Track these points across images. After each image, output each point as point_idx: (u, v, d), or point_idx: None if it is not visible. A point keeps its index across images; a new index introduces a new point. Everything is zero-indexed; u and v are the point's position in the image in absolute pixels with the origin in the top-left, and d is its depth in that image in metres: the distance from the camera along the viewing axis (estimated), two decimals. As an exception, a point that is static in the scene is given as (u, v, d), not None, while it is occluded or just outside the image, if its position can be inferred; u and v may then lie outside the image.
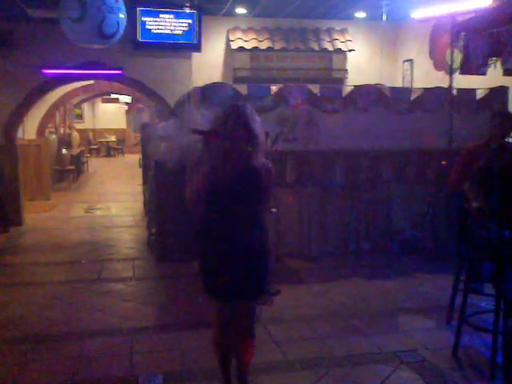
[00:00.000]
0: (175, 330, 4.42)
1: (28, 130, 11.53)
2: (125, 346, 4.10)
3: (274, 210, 3.17)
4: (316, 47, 11.03)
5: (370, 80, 8.63)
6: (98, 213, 10.27)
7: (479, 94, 7.09)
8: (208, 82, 6.92)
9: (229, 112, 2.88)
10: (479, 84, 7.10)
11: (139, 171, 10.93)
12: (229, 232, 2.88)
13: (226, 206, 2.86)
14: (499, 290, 3.64)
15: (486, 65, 5.12)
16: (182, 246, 6.29)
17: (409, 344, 4.07)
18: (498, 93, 7.02)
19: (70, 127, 18.33)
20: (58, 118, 15.24)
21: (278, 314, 4.52)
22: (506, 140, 4.61)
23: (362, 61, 11.38)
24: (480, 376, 3.58)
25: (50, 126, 13.99)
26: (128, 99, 22.18)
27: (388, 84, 8.29)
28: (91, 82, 13.45)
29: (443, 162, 6.40)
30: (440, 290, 5.14)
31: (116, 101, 23.30)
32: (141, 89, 10.61)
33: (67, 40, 9.12)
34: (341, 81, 11.21)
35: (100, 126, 26.14)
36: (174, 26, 10.07)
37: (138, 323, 4.59)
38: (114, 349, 4.08)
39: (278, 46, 10.86)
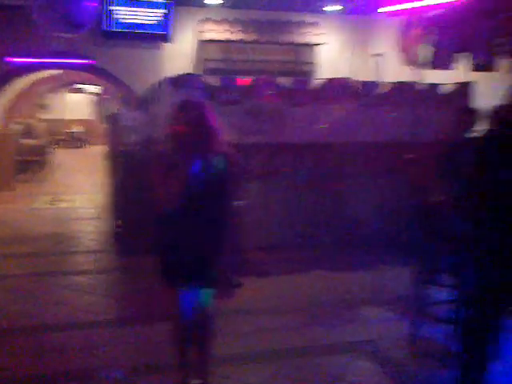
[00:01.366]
0: (137, 323, 4.38)
1: (-8, 119, 11.26)
2: (86, 340, 4.05)
3: (241, 202, 3.14)
4: (287, 40, 11.03)
5: (340, 73, 8.65)
6: (63, 205, 10.08)
7: (446, 89, 7.18)
8: (178, 72, 6.86)
9: (183, 106, 2.89)
10: (446, 79, 7.20)
11: (105, 162, 10.76)
12: (192, 220, 2.90)
13: (191, 197, 2.86)
14: (457, 281, 3.70)
15: (453, 60, 5.19)
16: (147, 238, 6.22)
17: (368, 334, 4.11)
18: (464, 88, 7.12)
19: (36, 117, 17.95)
20: (23, 108, 14.89)
21: (239, 306, 4.48)
22: (470, 134, 4.65)
23: (333, 54, 11.42)
24: (436, 364, 3.65)
25: (15, 115, 13.68)
26: (96, 89, 21.87)
27: (357, 78, 8.32)
28: (59, 71, 13.21)
29: (408, 156, 6.45)
30: (399, 282, 5.18)
31: (84, 91, 22.95)
32: (110, 79, 10.48)
33: (35, 28, 8.95)
34: (311, 74, 11.23)
35: (67, 116, 25.65)
36: (146, 16, 9.96)
37: (99, 317, 4.54)
38: (75, 342, 4.02)
39: (249, 38, 10.83)
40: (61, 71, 13.30)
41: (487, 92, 6.59)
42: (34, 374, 3.53)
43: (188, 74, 7.17)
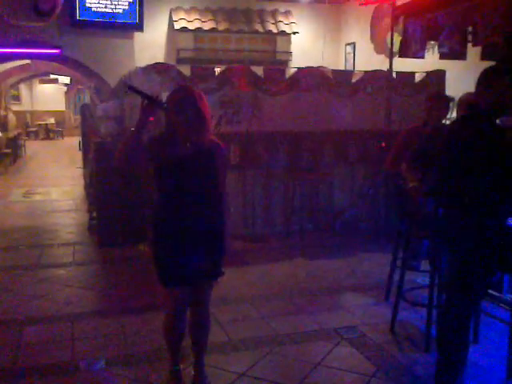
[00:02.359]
0: (117, 314, 4.36)
1: (-40, 111, 11.00)
2: (66, 332, 4.02)
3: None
4: (260, 29, 11.00)
5: (314, 62, 8.70)
6: (37, 197, 9.95)
7: (417, 78, 7.29)
8: (151, 62, 6.79)
9: (178, 92, 2.86)
10: (418, 68, 7.30)
11: (79, 154, 10.64)
12: (187, 214, 2.85)
13: (183, 187, 2.83)
14: (434, 266, 3.79)
15: (424, 49, 5.27)
16: (123, 230, 6.21)
17: (349, 320, 4.19)
18: (436, 76, 7.24)
19: (6, 109, 17.59)
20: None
21: (221, 295, 4.51)
22: (443, 122, 4.75)
23: (306, 43, 11.45)
24: (416, 348, 3.74)
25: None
26: (67, 80, 21.50)
27: (331, 67, 8.38)
28: (27, 61, 12.95)
29: (382, 144, 6.56)
30: (379, 268, 5.29)
31: (55, 81, 22.54)
32: (80, 69, 10.31)
33: (1, 17, 8.74)
34: (285, 63, 11.25)
35: (38, 107, 25.21)
36: (116, 5, 9.80)
37: (79, 309, 4.51)
38: (55, 335, 3.99)
39: (221, 27, 10.76)
40: (29, 61, 13.02)
41: (460, 80, 6.72)
42: (13, 367, 3.51)
43: (160, 63, 7.10)
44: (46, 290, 4.96)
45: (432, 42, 6.02)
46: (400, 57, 5.79)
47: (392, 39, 6.83)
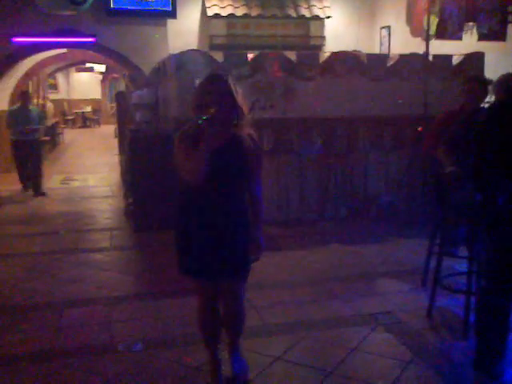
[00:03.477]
0: (154, 298, 4.43)
1: (0, 100, 11.26)
2: (104, 315, 4.10)
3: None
4: (293, 14, 10.90)
5: (348, 47, 8.59)
6: (75, 184, 10.16)
7: (455, 60, 7.10)
8: (183, 49, 6.81)
9: (211, 81, 2.75)
10: (455, 50, 7.11)
11: (115, 141, 10.81)
12: (216, 205, 2.76)
13: (210, 179, 2.69)
14: (472, 252, 3.72)
15: (461, 30, 5.13)
16: (159, 215, 6.28)
17: (385, 306, 4.15)
18: (474, 58, 7.03)
19: (44, 98, 17.95)
20: (31, 89, 14.89)
21: (256, 280, 4.51)
22: (481, 105, 4.63)
23: (340, 27, 11.30)
24: (453, 335, 3.69)
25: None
26: (103, 68, 21.78)
27: (365, 51, 8.26)
28: (64, 50, 13.15)
29: (419, 129, 6.44)
30: (415, 254, 5.22)
31: (90, 70, 22.88)
32: (115, 57, 10.43)
33: (38, 7, 8.89)
34: (318, 48, 11.14)
35: (75, 96, 25.67)
36: (150, -8, 9.85)
37: (116, 292, 4.59)
38: (93, 318, 4.07)
39: (254, 13, 10.71)
40: (65, 50, 13.22)
41: (498, 62, 6.54)
42: (51, 349, 3.59)
43: (193, 50, 7.11)
44: (84, 273, 5.08)
45: (470, 24, 5.88)
46: (437, 39, 5.66)
47: (428, 21, 6.67)
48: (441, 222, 4.27)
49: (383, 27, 11.03)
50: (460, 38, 5.35)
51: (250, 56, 6.74)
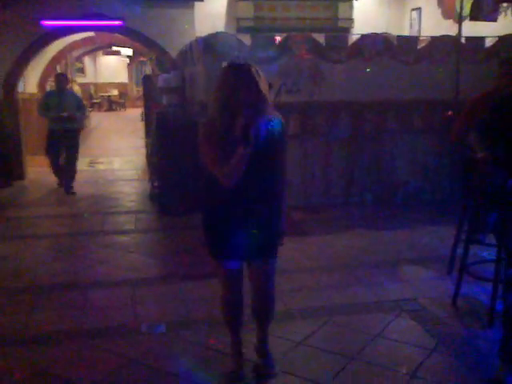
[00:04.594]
0: (177, 281, 4.45)
1: (29, 83, 11.38)
2: (128, 297, 4.14)
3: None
4: (321, -5, 10.72)
5: (377, 29, 8.38)
6: (101, 167, 10.26)
7: (488, 43, 6.90)
8: (210, 32, 6.76)
9: (234, 70, 2.67)
10: (488, 33, 6.91)
11: (141, 125, 10.86)
12: (241, 189, 2.69)
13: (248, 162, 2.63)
14: (501, 240, 3.63)
15: (497, 10, 4.96)
16: (184, 199, 6.29)
17: (409, 293, 4.09)
18: (508, 41, 6.82)
19: (72, 81, 18.12)
20: (59, 71, 15.04)
21: (280, 264, 4.50)
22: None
23: (369, 10, 11.07)
24: (479, 323, 3.61)
25: (50, 79, 13.83)
26: (129, 52, 21.85)
27: (395, 33, 8.07)
28: (91, 34, 13.21)
29: (449, 113, 6.29)
30: (441, 241, 5.13)
31: (117, 53, 22.99)
32: (142, 40, 10.40)
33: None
34: (347, 30, 10.93)
35: (102, 79, 25.86)
36: (176, -24, 9.77)
37: (141, 274, 4.63)
38: (117, 299, 4.12)
39: (281, -5, 10.56)
40: (93, 34, 13.28)
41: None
42: (77, 329, 3.64)
43: (220, 32, 7.05)
44: (110, 255, 5.13)
45: (505, 5, 5.69)
46: (471, 20, 5.48)
47: (462, 2, 6.47)
48: (470, 209, 4.18)
49: (414, 9, 10.77)
50: (495, 20, 5.19)
51: (278, 38, 6.66)
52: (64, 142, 7.79)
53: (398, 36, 7.31)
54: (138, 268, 4.79)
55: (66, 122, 7.62)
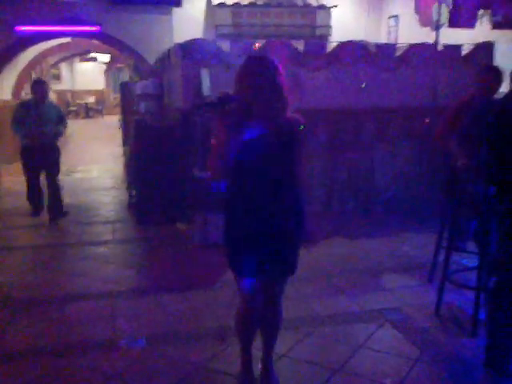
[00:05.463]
0: (157, 292, 4.35)
1: (3, 90, 11.18)
2: (107, 310, 4.04)
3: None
4: (299, 3, 10.77)
5: (355, 37, 8.44)
6: (78, 175, 10.09)
7: (465, 50, 6.97)
8: (189, 38, 6.70)
9: (252, 63, 2.56)
10: (464, 40, 6.97)
11: (119, 132, 10.72)
12: (260, 201, 2.58)
13: (256, 171, 2.55)
14: (482, 247, 3.63)
15: (475, 17, 5.00)
16: (162, 208, 6.21)
17: (392, 302, 4.07)
18: (484, 48, 6.89)
19: (48, 88, 17.87)
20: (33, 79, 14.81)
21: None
22: (495, 95, 4.50)
23: (347, 17, 11.14)
24: (462, 332, 3.60)
25: (26, 86, 13.61)
26: (107, 58, 21.67)
27: (373, 41, 8.11)
28: (68, 39, 13.06)
29: (426, 120, 6.32)
30: (422, 249, 5.14)
31: (94, 60, 22.76)
32: (119, 46, 10.34)
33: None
34: (325, 38, 10.97)
35: (78, 87, 25.59)
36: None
37: (119, 286, 4.53)
38: (96, 312, 4.01)
39: (260, 2, 10.58)
40: (69, 39, 13.13)
41: (510, 52, 6.40)
42: (53, 345, 3.53)
43: (198, 39, 6.99)
44: (87, 267, 5.01)
45: (480, 13, 5.74)
46: (450, 27, 5.51)
47: (439, 10, 6.53)
48: (450, 216, 4.18)
49: (391, 17, 10.87)
50: (473, 26, 5.22)
51: (257, 45, 6.62)
52: (43, 161, 6.54)
53: (376, 43, 7.34)
54: (116, 280, 4.68)
55: (45, 137, 6.43)
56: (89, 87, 25.71)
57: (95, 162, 11.55)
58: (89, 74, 25.61)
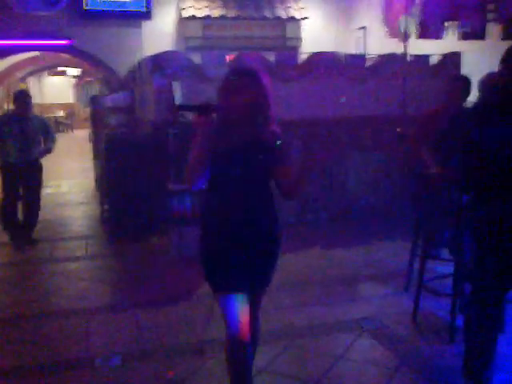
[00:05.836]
0: (132, 308, 4.27)
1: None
2: (81, 327, 3.95)
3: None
4: (269, 15, 10.84)
5: (324, 48, 8.51)
6: (49, 190, 9.86)
7: (433, 61, 7.10)
8: (159, 51, 6.67)
9: (237, 74, 2.51)
10: (432, 51, 7.10)
11: (90, 146, 10.59)
12: (237, 213, 2.49)
13: (233, 184, 2.48)
14: (456, 254, 3.66)
15: (442, 28, 5.10)
16: (135, 222, 6.13)
17: (369, 311, 4.07)
18: (452, 58, 7.04)
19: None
20: (1, 93, 14.57)
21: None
22: (463, 104, 4.58)
23: (316, 29, 11.26)
24: (440, 340, 3.62)
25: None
26: (76, 72, 21.46)
27: (343, 52, 8.20)
28: (36, 53, 12.89)
29: (398, 129, 6.40)
30: (397, 257, 5.16)
31: (64, 73, 22.51)
32: (90, 60, 10.24)
33: (9, 7, 8.65)
34: (295, 49, 11.08)
35: (47, 100, 25.23)
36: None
37: (93, 303, 4.43)
38: (69, 331, 3.92)
39: (230, 14, 10.62)
40: (38, 53, 12.95)
41: (476, 62, 6.53)
42: (26, 364, 3.43)
43: (169, 51, 6.98)
44: (60, 284, 4.90)
45: (446, 25, 5.86)
46: (419, 38, 5.61)
47: (406, 22, 6.65)
48: (423, 224, 4.22)
49: (359, 28, 11.02)
50: (441, 37, 5.33)
51: (229, 57, 6.63)
52: (25, 181, 6.08)
53: (347, 54, 7.42)
54: (90, 297, 4.58)
55: (29, 154, 5.95)
56: (58, 101, 25.40)
57: (66, 177, 11.37)
58: (58, 87, 25.31)
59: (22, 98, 5.98)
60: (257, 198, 2.55)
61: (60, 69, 20.84)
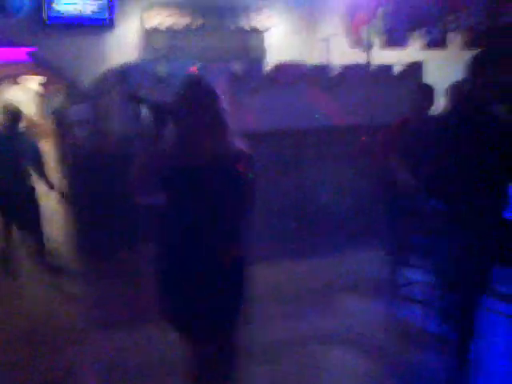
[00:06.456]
0: (104, 327, 4.19)
1: None
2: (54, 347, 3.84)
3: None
4: (233, 26, 10.86)
5: (290, 58, 8.58)
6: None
7: (395, 70, 7.21)
8: (123, 62, 6.59)
9: (192, 85, 2.39)
10: (394, 61, 7.22)
11: (54, 162, 10.34)
12: (190, 238, 2.29)
13: (189, 205, 2.28)
14: (430, 261, 3.70)
15: (407, 37, 5.19)
16: (106, 239, 5.98)
17: (345, 321, 4.06)
18: (413, 68, 7.16)
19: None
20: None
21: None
22: (427, 112, 4.65)
23: (281, 39, 11.31)
24: (417, 347, 3.63)
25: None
26: (37, 83, 21.03)
27: (307, 62, 8.26)
28: (-6, 65, 12.57)
29: (362, 138, 6.48)
30: (370, 266, 5.18)
31: (24, 85, 22.02)
32: (51, 71, 10.02)
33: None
34: (259, 60, 11.10)
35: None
36: (85, 3, 9.57)
37: (64, 323, 4.31)
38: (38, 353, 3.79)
39: (194, 25, 10.58)
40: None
41: (439, 71, 6.67)
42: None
43: (133, 62, 6.91)
44: (30, 304, 4.74)
45: (408, 34, 5.97)
46: (382, 47, 5.69)
47: (369, 32, 6.75)
48: (393, 231, 4.26)
49: (323, 39, 11.12)
50: (404, 47, 5.42)
51: (194, 68, 6.59)
52: (16, 213, 5.50)
53: (311, 64, 7.48)
54: (61, 316, 4.44)
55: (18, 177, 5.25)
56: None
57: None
58: (18, 99, 24.76)
59: (10, 112, 5.32)
60: (211, 228, 2.32)
61: (20, 80, 20.40)
